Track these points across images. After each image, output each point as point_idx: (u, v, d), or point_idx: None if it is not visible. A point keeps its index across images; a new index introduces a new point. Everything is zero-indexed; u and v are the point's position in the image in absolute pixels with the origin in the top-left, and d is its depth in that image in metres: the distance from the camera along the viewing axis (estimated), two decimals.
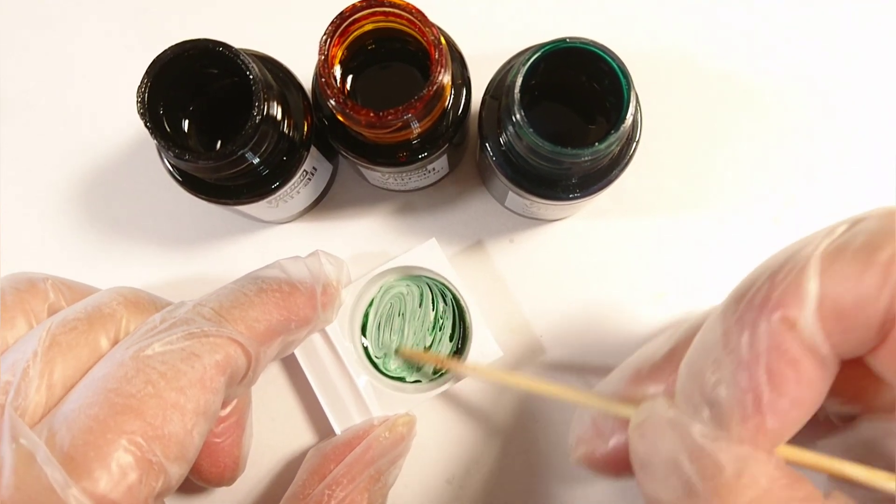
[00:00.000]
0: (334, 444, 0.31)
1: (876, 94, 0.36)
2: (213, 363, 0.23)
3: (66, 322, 0.23)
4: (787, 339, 0.17)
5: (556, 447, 0.34)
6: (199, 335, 0.23)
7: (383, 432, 0.30)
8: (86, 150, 0.37)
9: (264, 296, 0.26)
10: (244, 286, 0.26)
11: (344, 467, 0.29)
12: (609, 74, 0.26)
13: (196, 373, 0.22)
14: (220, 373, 0.23)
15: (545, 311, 0.35)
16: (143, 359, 0.22)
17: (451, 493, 0.34)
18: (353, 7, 0.26)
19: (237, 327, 0.24)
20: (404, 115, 0.26)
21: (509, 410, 0.35)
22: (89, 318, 0.23)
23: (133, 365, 0.21)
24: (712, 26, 0.37)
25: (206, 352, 0.23)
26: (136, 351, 0.22)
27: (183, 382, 0.22)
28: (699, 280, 0.35)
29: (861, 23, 0.37)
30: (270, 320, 0.26)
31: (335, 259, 0.31)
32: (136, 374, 0.21)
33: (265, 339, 0.25)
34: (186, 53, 0.26)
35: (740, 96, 0.37)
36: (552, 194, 0.29)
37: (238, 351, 0.24)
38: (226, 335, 0.24)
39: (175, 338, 0.22)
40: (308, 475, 0.30)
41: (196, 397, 0.22)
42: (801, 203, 0.36)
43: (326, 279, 0.29)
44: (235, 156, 0.26)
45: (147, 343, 0.22)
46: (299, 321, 0.27)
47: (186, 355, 0.22)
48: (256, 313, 0.25)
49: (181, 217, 0.37)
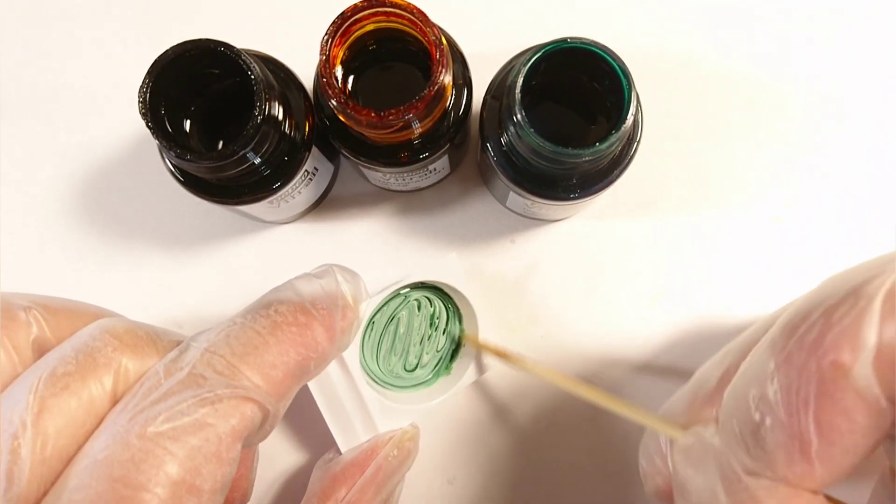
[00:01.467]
0: (342, 465, 0.30)
1: (878, 93, 0.36)
2: (229, 430, 0.20)
3: (56, 379, 0.20)
4: (840, 386, 0.16)
5: (557, 449, 0.34)
6: (211, 400, 0.20)
7: (391, 451, 0.30)
8: (87, 150, 0.37)
9: (279, 333, 0.23)
10: (256, 322, 0.23)
11: (356, 493, 0.28)
12: (610, 74, 0.26)
13: (211, 446, 0.20)
14: (236, 440, 0.21)
15: (546, 312, 0.35)
16: (150, 437, 0.19)
17: (453, 494, 0.34)
18: (355, 7, 0.26)
19: (253, 378, 0.21)
20: (405, 116, 0.26)
21: (511, 412, 0.35)
22: (82, 371, 0.20)
23: (140, 445, 0.19)
24: (713, 26, 0.37)
25: (220, 419, 0.20)
26: (141, 426, 0.19)
27: (198, 461, 0.19)
28: (701, 280, 0.35)
29: (862, 21, 0.37)
30: (288, 363, 0.23)
31: (350, 274, 0.27)
32: (145, 457, 0.19)
33: (283, 390, 0.23)
34: (188, 54, 0.26)
35: (741, 96, 0.37)
36: (553, 194, 0.29)
37: (254, 409, 0.21)
38: (241, 395, 0.21)
39: (185, 405, 0.20)
40: (318, 499, 0.29)
41: (213, 474, 0.20)
42: (804, 203, 0.36)
43: (344, 300, 0.26)
44: (237, 156, 0.26)
45: (153, 414, 0.19)
46: (318, 359, 0.24)
47: (199, 426, 0.20)
48: (272, 357, 0.22)
49: (182, 217, 0.37)
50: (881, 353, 0.16)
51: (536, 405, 0.35)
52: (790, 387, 0.17)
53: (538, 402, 0.35)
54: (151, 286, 0.36)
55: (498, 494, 0.34)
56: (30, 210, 0.37)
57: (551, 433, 0.34)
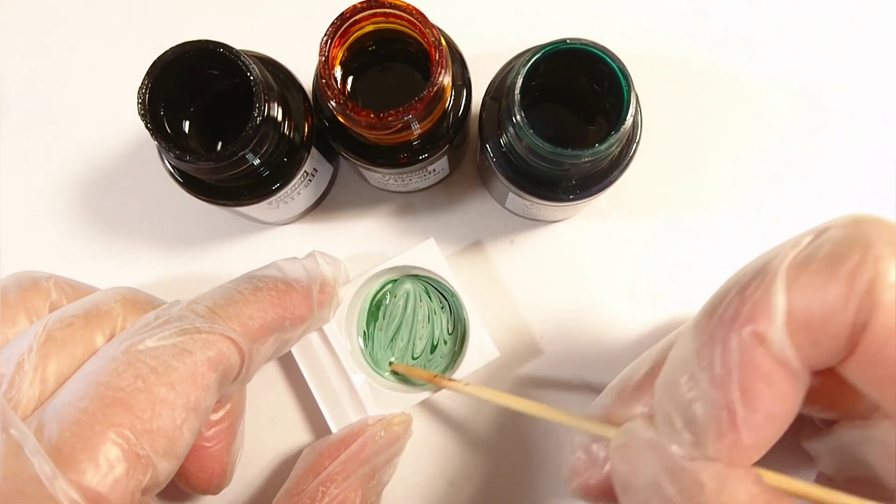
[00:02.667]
0: (329, 442, 0.31)
1: (876, 95, 0.36)
2: (205, 359, 0.23)
3: (63, 319, 0.23)
4: (758, 354, 0.17)
5: (557, 450, 0.34)
6: (191, 331, 0.23)
7: (379, 431, 0.30)
8: (86, 151, 0.37)
9: (259, 294, 0.26)
10: (239, 284, 0.26)
11: (339, 465, 0.29)
12: (609, 75, 0.26)
13: (187, 368, 0.22)
14: (211, 369, 0.23)
15: (545, 312, 0.35)
16: (134, 353, 0.22)
17: (453, 495, 0.34)
18: (354, 8, 0.26)
19: (231, 324, 0.24)
20: (405, 117, 0.26)
21: (511, 413, 0.35)
22: (86, 315, 0.24)
23: (124, 359, 0.22)
24: (712, 27, 0.37)
25: (197, 348, 0.23)
26: (128, 346, 0.22)
27: (173, 378, 0.22)
28: (699, 281, 0.35)
29: (860, 23, 0.37)
30: (265, 318, 0.26)
31: (332, 259, 0.31)
32: (127, 368, 0.21)
33: (259, 336, 0.26)
34: (187, 54, 0.26)
35: (740, 97, 0.37)
36: (552, 195, 0.29)
37: (231, 348, 0.24)
38: (218, 332, 0.24)
39: (167, 333, 0.23)
40: (303, 472, 0.30)
41: (186, 393, 0.22)
42: (802, 203, 0.36)
43: (323, 278, 0.29)
44: (236, 157, 0.26)
45: (140, 339, 0.22)
46: (294, 319, 0.27)
47: (178, 351, 0.22)
48: (251, 311, 0.25)
49: (181, 218, 0.37)
50: (791, 318, 0.17)
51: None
52: (714, 361, 0.18)
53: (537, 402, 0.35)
54: (150, 287, 0.36)
55: (498, 495, 0.34)
56: (29, 211, 0.37)
57: (550, 434, 0.34)
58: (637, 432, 0.20)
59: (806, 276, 0.17)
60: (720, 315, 0.18)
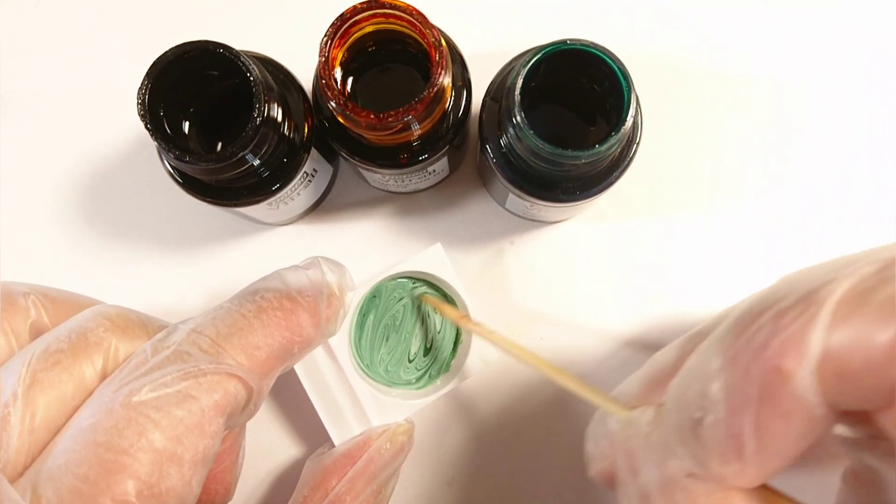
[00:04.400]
0: (335, 457, 0.30)
1: (878, 94, 0.36)
2: (212, 404, 0.21)
3: (49, 355, 0.20)
4: (781, 392, 0.16)
5: (557, 450, 0.34)
6: (195, 374, 0.21)
7: (384, 443, 0.30)
8: (86, 152, 0.37)
9: (265, 317, 0.24)
10: (242, 306, 0.24)
11: (346, 483, 0.29)
12: (609, 76, 0.26)
13: (193, 418, 0.20)
14: (219, 414, 0.21)
15: (546, 313, 0.35)
16: (134, 406, 0.19)
17: (452, 496, 0.34)
18: (354, 9, 0.26)
19: (237, 357, 0.22)
20: (405, 117, 0.26)
21: (511, 412, 0.35)
22: (73, 349, 0.21)
23: (124, 414, 0.19)
24: (712, 28, 0.37)
25: (203, 392, 0.21)
26: (126, 396, 0.20)
27: (180, 430, 0.20)
28: (700, 282, 0.35)
29: (861, 23, 0.37)
30: (272, 345, 0.23)
31: (336, 266, 0.29)
32: (128, 424, 0.19)
33: (267, 369, 0.23)
34: (187, 55, 0.26)
35: (741, 98, 0.37)
36: (552, 196, 0.29)
37: (238, 386, 0.22)
38: (224, 371, 0.21)
39: (169, 378, 0.20)
40: (309, 490, 0.29)
41: (194, 445, 0.20)
42: (803, 203, 0.36)
43: (330, 290, 0.27)
44: (236, 157, 0.26)
45: (138, 385, 0.20)
46: (302, 343, 0.25)
47: (182, 398, 0.20)
48: (257, 339, 0.23)
49: (181, 219, 0.37)
50: (825, 362, 0.16)
51: (535, 407, 0.35)
52: (733, 387, 0.17)
53: (537, 403, 0.35)
54: (150, 287, 0.36)
55: (497, 495, 0.34)
56: (29, 211, 0.37)
57: (550, 435, 0.34)
58: (641, 429, 0.20)
59: (856, 318, 0.15)
60: (748, 338, 0.17)
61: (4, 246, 0.36)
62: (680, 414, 0.18)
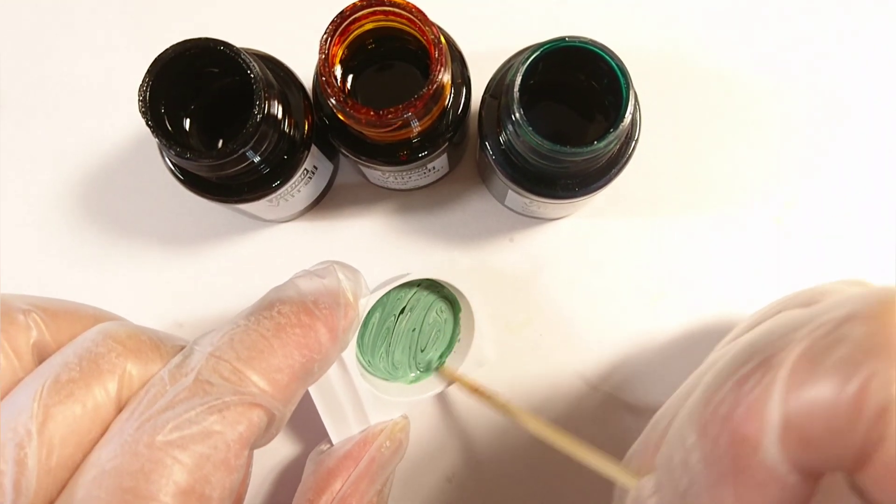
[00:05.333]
0: (336, 458, 0.30)
1: (877, 94, 0.36)
2: (237, 437, 0.20)
3: (60, 386, 0.19)
4: (752, 462, 0.16)
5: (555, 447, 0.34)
6: (219, 407, 0.20)
7: (384, 442, 0.30)
8: (87, 149, 0.37)
9: (284, 335, 0.23)
10: (260, 324, 0.23)
11: (351, 485, 0.29)
12: (608, 73, 0.27)
13: (220, 454, 0.20)
14: (244, 447, 0.20)
15: (545, 311, 0.36)
16: (159, 447, 0.19)
17: (452, 492, 0.34)
18: (354, 6, 0.26)
19: (259, 384, 0.21)
20: (404, 114, 0.26)
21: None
22: (85, 378, 0.20)
23: (148, 455, 0.18)
24: (712, 25, 0.37)
25: (228, 426, 0.20)
26: (149, 435, 0.19)
27: (207, 470, 0.19)
28: (699, 280, 0.35)
29: (862, 22, 0.37)
30: (293, 366, 0.22)
31: (351, 271, 0.27)
32: (154, 467, 0.18)
33: (288, 395, 0.22)
34: (188, 52, 0.26)
35: (741, 96, 0.37)
36: (551, 193, 0.30)
37: (261, 414, 0.21)
38: (248, 401, 0.21)
39: (193, 414, 0.19)
40: (314, 494, 0.29)
41: (221, 483, 0.19)
42: (803, 203, 0.36)
43: (346, 299, 0.25)
44: (236, 154, 0.26)
45: (162, 422, 0.19)
46: (322, 361, 0.24)
47: (207, 434, 0.19)
48: (278, 361, 0.22)
49: (182, 216, 0.37)
50: (787, 429, 0.15)
51: (536, 404, 0.35)
52: (709, 458, 0.17)
53: (537, 400, 0.35)
54: (151, 284, 0.36)
55: (496, 492, 0.34)
56: (29, 209, 0.37)
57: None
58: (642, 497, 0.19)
59: (811, 383, 0.15)
60: (714, 408, 0.17)
61: (4, 245, 0.37)
62: (668, 483, 0.18)
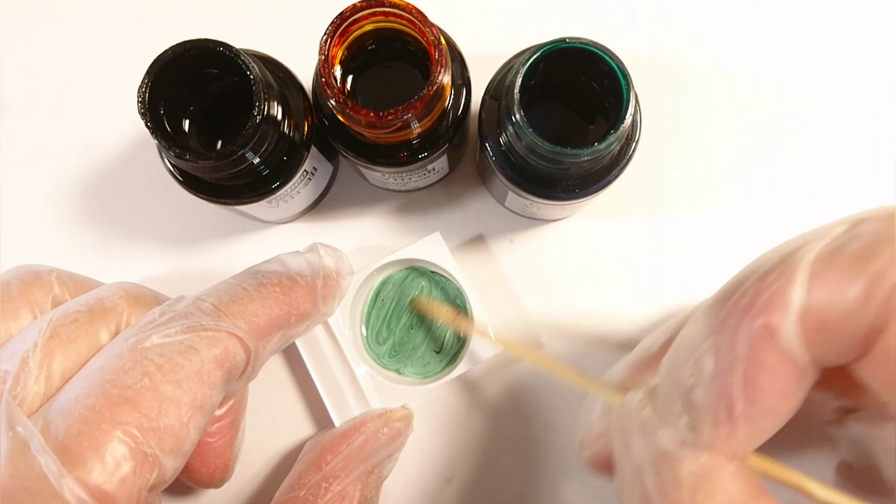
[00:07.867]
0: (332, 436, 0.31)
1: (877, 95, 0.36)
2: (211, 357, 0.23)
3: (68, 314, 0.23)
4: (767, 347, 0.17)
5: (555, 447, 0.34)
6: (197, 329, 0.23)
7: (381, 427, 0.31)
8: (86, 150, 0.37)
9: (264, 290, 0.26)
10: (244, 281, 0.26)
11: (341, 460, 0.29)
12: (609, 74, 0.26)
13: (193, 366, 0.22)
14: (217, 367, 0.23)
15: (545, 311, 0.35)
16: (140, 351, 0.22)
17: (451, 493, 0.34)
18: (354, 7, 0.26)
19: (236, 322, 0.24)
20: (404, 115, 0.26)
21: (510, 410, 0.35)
22: (90, 311, 0.24)
23: (130, 357, 0.22)
24: (713, 27, 0.37)
25: (204, 346, 0.23)
26: (133, 343, 0.22)
27: (180, 375, 0.22)
28: (698, 280, 0.35)
29: (860, 25, 0.37)
30: (270, 314, 0.26)
31: (334, 250, 0.31)
32: (133, 365, 0.21)
33: (264, 333, 0.25)
34: (187, 53, 0.26)
35: (740, 97, 0.37)
36: (552, 194, 0.29)
37: (237, 345, 0.24)
38: (224, 329, 0.24)
39: (173, 331, 0.23)
40: (305, 466, 0.30)
41: (193, 391, 0.22)
42: (802, 203, 0.36)
43: (326, 271, 0.29)
44: (236, 155, 0.26)
45: (145, 335, 0.22)
46: (299, 315, 0.27)
47: (184, 348, 0.22)
48: (256, 308, 0.25)
49: (181, 217, 0.37)
50: (806, 315, 0.17)
51: (535, 405, 0.35)
52: (722, 349, 0.17)
53: (536, 401, 0.35)
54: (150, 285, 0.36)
55: (496, 493, 0.34)
56: (30, 209, 0.37)
57: (549, 432, 0.35)
58: (633, 408, 0.20)
59: (829, 273, 0.16)
60: (735, 301, 0.18)
61: (5, 246, 0.37)
62: (673, 383, 0.19)
